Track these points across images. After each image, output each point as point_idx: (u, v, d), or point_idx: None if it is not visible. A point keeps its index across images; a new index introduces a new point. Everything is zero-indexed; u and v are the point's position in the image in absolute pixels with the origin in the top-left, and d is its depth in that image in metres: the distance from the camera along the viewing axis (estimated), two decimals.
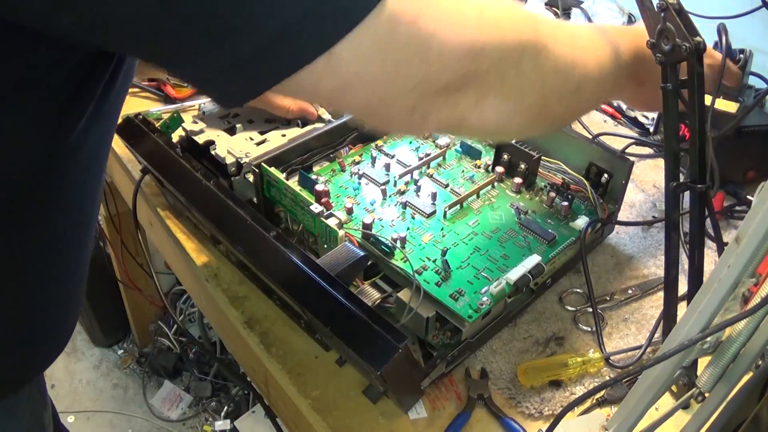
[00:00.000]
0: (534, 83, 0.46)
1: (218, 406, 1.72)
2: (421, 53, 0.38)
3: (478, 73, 0.41)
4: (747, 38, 0.96)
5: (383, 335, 0.54)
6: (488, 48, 0.41)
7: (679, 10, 0.49)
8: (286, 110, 0.80)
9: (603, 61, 0.53)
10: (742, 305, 0.42)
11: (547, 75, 0.46)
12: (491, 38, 0.41)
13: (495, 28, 0.42)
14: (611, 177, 0.75)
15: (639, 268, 0.78)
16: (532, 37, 0.44)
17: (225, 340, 0.90)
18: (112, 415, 1.72)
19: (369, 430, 0.60)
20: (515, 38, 0.43)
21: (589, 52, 0.52)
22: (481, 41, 0.40)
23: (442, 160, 0.81)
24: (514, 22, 0.43)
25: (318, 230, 0.68)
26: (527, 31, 0.44)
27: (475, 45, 0.40)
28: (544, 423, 0.61)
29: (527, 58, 0.44)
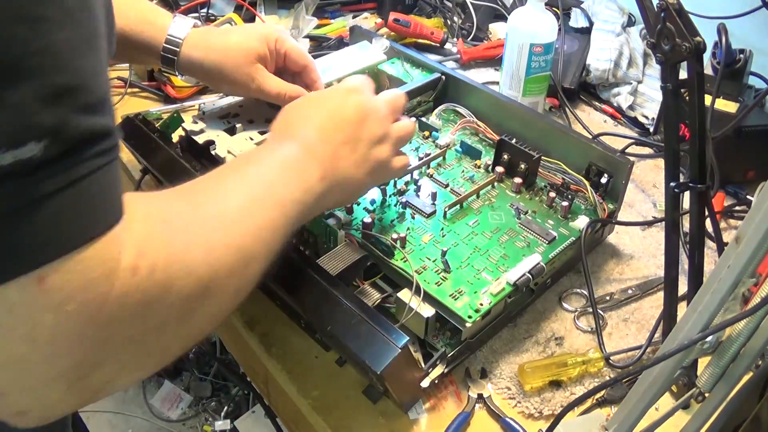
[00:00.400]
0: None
1: (218, 406, 1.72)
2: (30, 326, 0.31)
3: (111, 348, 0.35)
4: (747, 38, 0.97)
5: (383, 335, 0.54)
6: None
7: (679, 10, 0.49)
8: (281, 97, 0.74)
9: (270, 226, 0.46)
10: (742, 305, 0.42)
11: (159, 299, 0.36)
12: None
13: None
14: (611, 177, 0.75)
15: (639, 268, 0.78)
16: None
17: (225, 340, 0.90)
18: (111, 414, 1.72)
19: (369, 430, 0.60)
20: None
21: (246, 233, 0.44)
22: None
23: (442, 160, 0.81)
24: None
25: (318, 230, 0.68)
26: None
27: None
28: (544, 423, 0.61)
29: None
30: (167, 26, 0.70)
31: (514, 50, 0.95)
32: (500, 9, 1.27)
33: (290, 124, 0.56)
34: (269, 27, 0.73)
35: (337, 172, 0.54)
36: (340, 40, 1.13)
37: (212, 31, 0.73)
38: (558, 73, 1.05)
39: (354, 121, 0.57)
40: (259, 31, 0.73)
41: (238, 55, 0.71)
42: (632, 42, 1.09)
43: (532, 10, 0.93)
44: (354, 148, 0.56)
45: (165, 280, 0.36)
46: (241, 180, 0.48)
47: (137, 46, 0.71)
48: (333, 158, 0.54)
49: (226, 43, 0.71)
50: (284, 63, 0.75)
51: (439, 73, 0.89)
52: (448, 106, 0.88)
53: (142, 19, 0.70)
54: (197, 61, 0.71)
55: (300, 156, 0.52)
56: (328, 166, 0.53)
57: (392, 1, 1.25)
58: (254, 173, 0.49)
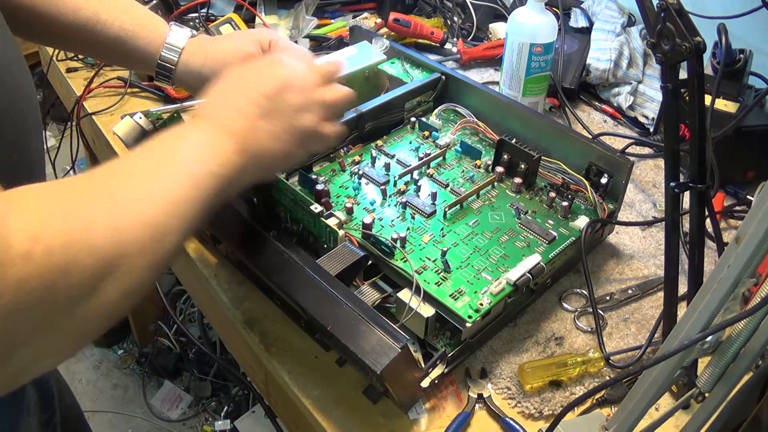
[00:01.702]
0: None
1: (218, 406, 1.72)
2: None
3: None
4: (747, 38, 0.97)
5: (383, 335, 0.54)
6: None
7: (679, 10, 0.49)
8: None
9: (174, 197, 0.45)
10: (742, 305, 0.42)
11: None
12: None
13: None
14: (611, 177, 0.75)
15: (639, 268, 0.78)
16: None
17: (225, 340, 0.90)
18: (112, 415, 1.72)
19: (369, 430, 0.60)
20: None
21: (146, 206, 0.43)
22: None
23: (442, 160, 0.81)
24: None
25: (318, 230, 0.68)
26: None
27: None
28: (544, 423, 0.61)
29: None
30: (165, 35, 0.70)
31: (514, 50, 0.95)
32: (500, 9, 1.27)
33: (208, 104, 0.57)
34: (262, 31, 0.74)
35: (256, 144, 0.54)
36: (340, 40, 1.13)
37: (206, 39, 0.73)
38: (558, 73, 1.05)
39: (271, 93, 0.56)
40: (253, 36, 0.73)
41: (235, 61, 0.70)
42: (632, 42, 1.09)
43: (532, 10, 0.93)
44: (272, 120, 0.55)
45: (65, 262, 0.36)
46: (148, 158, 0.48)
47: (131, 52, 0.70)
48: (250, 131, 0.54)
49: (222, 50, 0.71)
50: None
51: (439, 73, 0.89)
52: (448, 106, 0.88)
53: (138, 25, 0.70)
54: (195, 70, 0.71)
55: (212, 132, 0.52)
56: (246, 140, 0.53)
57: (392, 1, 1.25)
58: (161, 152, 0.49)
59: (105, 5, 0.68)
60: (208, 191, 0.48)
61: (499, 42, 1.15)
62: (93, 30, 0.67)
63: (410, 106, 0.88)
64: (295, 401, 0.65)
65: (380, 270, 0.67)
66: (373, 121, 0.84)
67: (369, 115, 0.83)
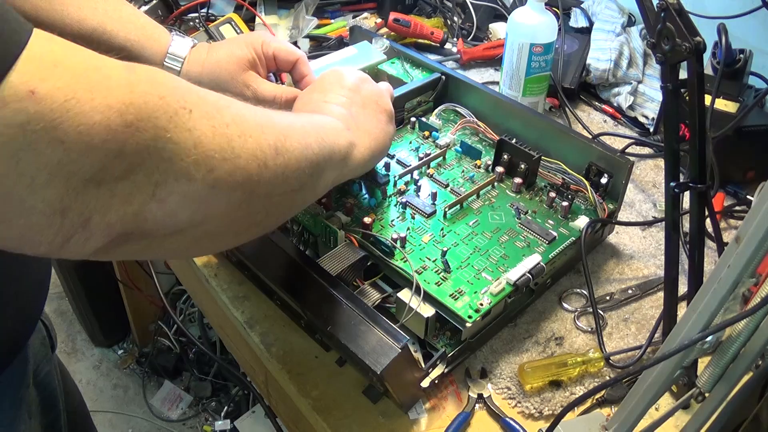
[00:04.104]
0: (230, 149, 0.38)
1: (218, 406, 1.72)
2: (49, 133, 0.29)
3: (143, 146, 0.33)
4: (747, 38, 0.97)
5: (383, 335, 0.54)
6: (146, 110, 0.33)
7: (679, 10, 0.49)
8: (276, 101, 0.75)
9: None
10: (742, 305, 0.42)
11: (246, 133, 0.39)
12: (147, 97, 0.33)
13: (149, 83, 0.34)
14: (611, 177, 0.75)
15: (639, 268, 0.78)
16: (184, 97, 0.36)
17: (225, 340, 0.90)
18: (112, 415, 1.72)
19: (369, 430, 0.60)
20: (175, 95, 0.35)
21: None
22: (137, 100, 0.32)
23: (442, 160, 0.81)
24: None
25: (318, 230, 0.68)
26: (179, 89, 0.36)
27: (129, 106, 0.32)
28: (544, 423, 0.61)
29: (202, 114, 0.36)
30: (168, 45, 0.71)
31: (514, 50, 0.95)
32: (500, 9, 1.27)
33: (302, 106, 0.63)
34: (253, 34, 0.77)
35: (365, 133, 0.60)
36: (340, 40, 1.13)
37: (203, 48, 0.74)
38: (558, 73, 1.05)
39: (353, 86, 0.64)
40: (244, 39, 0.75)
41: (231, 66, 0.72)
42: (632, 42, 1.09)
43: (532, 10, 0.93)
44: (364, 107, 0.63)
45: (172, 90, 0.36)
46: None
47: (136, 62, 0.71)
48: (352, 117, 0.60)
49: (217, 57, 0.73)
50: (275, 63, 0.76)
51: (439, 73, 0.89)
52: (448, 106, 0.88)
53: (143, 35, 0.70)
54: (195, 78, 0.72)
55: (326, 117, 0.57)
56: (348, 124, 0.58)
57: (392, 1, 1.25)
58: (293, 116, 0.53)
59: (110, 16, 0.68)
60: (322, 149, 0.51)
61: (499, 42, 1.15)
62: (99, 41, 0.67)
63: (410, 106, 0.88)
64: (295, 401, 0.65)
65: (380, 270, 0.67)
66: None
67: None
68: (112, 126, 0.31)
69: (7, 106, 0.28)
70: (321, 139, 0.50)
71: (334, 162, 0.53)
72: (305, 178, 0.46)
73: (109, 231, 0.34)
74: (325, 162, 0.50)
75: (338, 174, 0.55)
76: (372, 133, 0.61)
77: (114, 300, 1.71)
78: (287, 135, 0.44)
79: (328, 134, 0.52)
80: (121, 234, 0.34)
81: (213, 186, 0.37)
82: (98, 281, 1.65)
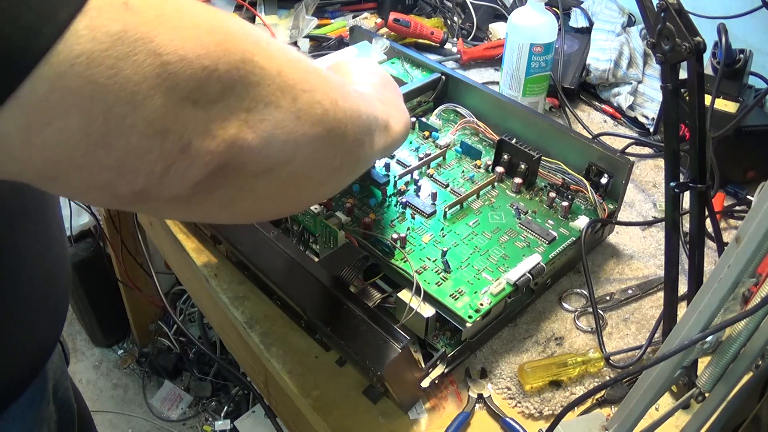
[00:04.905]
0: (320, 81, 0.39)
1: (218, 406, 1.72)
2: (144, 41, 0.29)
3: (233, 66, 0.33)
4: (747, 38, 0.97)
5: (383, 335, 0.54)
6: (234, 31, 0.34)
7: (679, 10, 0.49)
8: None
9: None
10: (742, 305, 0.42)
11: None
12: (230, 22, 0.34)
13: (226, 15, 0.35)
14: (611, 177, 0.75)
15: (639, 268, 0.78)
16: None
17: (225, 340, 0.90)
18: (112, 415, 1.72)
19: (369, 430, 0.60)
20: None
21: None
22: (222, 24, 0.33)
23: (442, 160, 0.81)
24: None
25: (318, 230, 0.68)
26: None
27: (216, 28, 0.33)
28: (544, 423, 0.61)
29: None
30: None
31: (514, 50, 0.95)
32: (500, 9, 1.27)
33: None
34: None
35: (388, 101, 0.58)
36: (340, 40, 1.13)
37: None
38: (558, 73, 1.05)
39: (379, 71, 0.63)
40: None
41: None
42: (632, 42, 1.09)
43: (532, 10, 0.93)
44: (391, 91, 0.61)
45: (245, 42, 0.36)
46: None
47: None
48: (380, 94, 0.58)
49: None
50: None
51: (439, 73, 0.89)
52: (448, 106, 0.88)
53: None
54: None
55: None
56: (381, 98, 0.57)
57: (392, 1, 1.25)
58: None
59: None
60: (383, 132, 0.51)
61: (499, 42, 1.15)
62: None
63: (410, 106, 0.88)
64: (295, 401, 0.65)
65: (380, 270, 0.67)
66: None
67: None
68: (203, 43, 0.31)
69: (103, 14, 0.28)
70: (366, 103, 0.49)
71: (380, 128, 0.52)
72: (365, 131, 0.47)
73: (209, 159, 0.33)
74: (374, 125, 0.50)
75: (384, 141, 0.54)
76: (400, 108, 0.60)
77: (114, 300, 1.71)
78: (343, 84, 0.45)
79: (369, 102, 0.52)
80: (218, 167, 0.34)
81: (298, 116, 0.37)
82: (98, 281, 1.65)
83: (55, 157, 0.29)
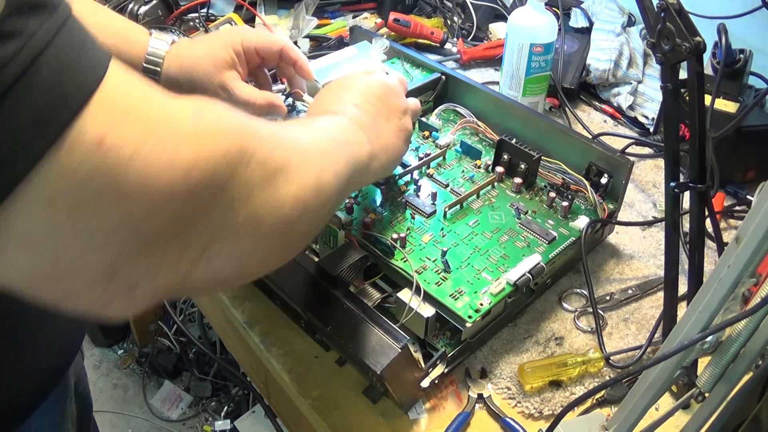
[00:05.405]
0: (271, 201, 0.37)
1: (218, 406, 1.72)
2: (113, 189, 0.27)
3: (200, 207, 0.32)
4: (747, 38, 0.97)
5: (383, 335, 0.54)
6: (210, 167, 0.32)
7: (679, 10, 0.49)
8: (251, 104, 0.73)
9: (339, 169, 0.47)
10: (742, 305, 0.42)
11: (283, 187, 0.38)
12: (213, 152, 0.32)
13: (215, 134, 0.32)
14: (611, 177, 0.75)
15: (639, 268, 0.78)
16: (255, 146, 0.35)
17: (225, 340, 0.91)
18: (112, 415, 1.72)
19: (369, 430, 0.60)
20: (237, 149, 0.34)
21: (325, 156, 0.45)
22: (203, 157, 0.31)
23: (442, 160, 0.81)
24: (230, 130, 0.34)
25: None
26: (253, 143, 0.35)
27: (194, 166, 0.31)
28: (544, 423, 0.61)
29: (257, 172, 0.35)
30: (146, 43, 0.70)
31: (514, 50, 0.95)
32: (500, 9, 1.27)
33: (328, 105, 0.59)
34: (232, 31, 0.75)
35: (380, 139, 0.57)
36: (340, 40, 1.13)
37: (182, 44, 0.73)
38: (558, 73, 1.05)
39: (382, 95, 0.61)
40: (223, 38, 0.73)
41: (207, 67, 0.71)
42: (632, 42, 1.09)
43: (532, 10, 0.93)
44: (388, 118, 0.60)
45: (238, 136, 0.34)
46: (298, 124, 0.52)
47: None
48: (373, 127, 0.57)
49: (194, 55, 0.72)
50: (259, 57, 0.75)
51: (439, 73, 0.89)
52: (448, 106, 0.88)
53: (120, 38, 0.70)
54: (174, 76, 0.71)
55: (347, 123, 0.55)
56: (371, 133, 0.56)
57: (392, 1, 1.25)
58: (318, 127, 0.51)
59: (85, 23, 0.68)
60: (349, 169, 0.49)
61: (499, 42, 1.15)
62: None
63: None
64: (295, 401, 0.65)
65: (380, 270, 0.67)
66: None
67: None
68: (175, 188, 0.30)
69: (74, 152, 0.26)
70: (347, 158, 0.48)
71: (357, 177, 0.51)
72: (337, 204, 0.46)
73: (154, 295, 0.32)
74: (351, 180, 0.49)
75: (358, 186, 0.54)
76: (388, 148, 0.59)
77: None
78: (324, 167, 0.43)
79: (352, 150, 0.51)
80: (164, 295, 0.34)
81: (258, 242, 0.36)
82: None
83: (2, 276, 0.29)
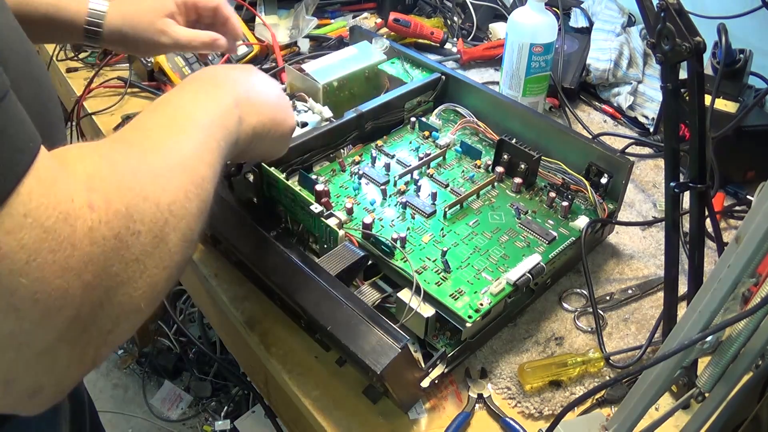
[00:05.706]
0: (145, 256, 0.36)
1: (218, 406, 1.72)
2: (3, 294, 0.27)
3: (97, 302, 0.32)
4: (747, 38, 0.97)
5: (383, 335, 0.54)
6: (104, 259, 0.32)
7: (679, 10, 0.49)
8: (192, 45, 0.75)
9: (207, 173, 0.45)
10: (742, 305, 0.42)
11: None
12: (107, 241, 0.32)
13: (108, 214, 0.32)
14: (611, 177, 0.75)
15: (639, 268, 0.78)
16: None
17: (225, 340, 0.90)
18: (111, 414, 1.72)
19: (369, 430, 0.60)
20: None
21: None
22: (96, 250, 0.31)
23: (442, 160, 0.81)
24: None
25: (318, 230, 0.68)
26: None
27: (89, 263, 0.31)
28: (544, 423, 0.61)
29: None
30: (88, 1, 0.73)
31: (514, 50, 0.95)
32: (500, 9, 1.27)
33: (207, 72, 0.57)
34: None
35: (249, 102, 0.53)
36: (340, 40, 1.13)
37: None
38: (558, 73, 1.05)
39: (252, 71, 0.58)
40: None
41: (149, 15, 0.74)
42: (632, 42, 1.09)
43: (532, 10, 0.93)
44: (256, 81, 0.57)
45: (125, 207, 0.34)
46: (163, 114, 0.47)
47: (60, 25, 0.73)
48: (246, 94, 0.54)
49: (137, 7, 0.75)
50: (197, 12, 0.78)
51: (439, 73, 0.89)
52: (448, 106, 0.88)
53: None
54: (116, 29, 0.74)
55: (209, 86, 0.52)
56: (239, 98, 0.52)
57: (392, 1, 1.25)
58: (172, 108, 0.48)
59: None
60: (220, 142, 0.47)
61: (499, 42, 1.15)
62: (23, 13, 0.68)
63: (410, 106, 0.88)
64: (295, 401, 0.65)
65: (380, 270, 0.67)
66: (373, 121, 0.84)
67: (369, 115, 0.83)
68: (70, 290, 0.29)
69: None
70: (218, 140, 0.47)
71: (227, 154, 0.49)
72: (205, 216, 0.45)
73: (67, 388, 0.32)
74: (220, 164, 0.47)
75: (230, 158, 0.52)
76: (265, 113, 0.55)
77: None
78: (194, 182, 0.42)
79: (221, 133, 0.48)
80: (76, 382, 0.34)
81: (157, 296, 0.37)
82: None
83: None
